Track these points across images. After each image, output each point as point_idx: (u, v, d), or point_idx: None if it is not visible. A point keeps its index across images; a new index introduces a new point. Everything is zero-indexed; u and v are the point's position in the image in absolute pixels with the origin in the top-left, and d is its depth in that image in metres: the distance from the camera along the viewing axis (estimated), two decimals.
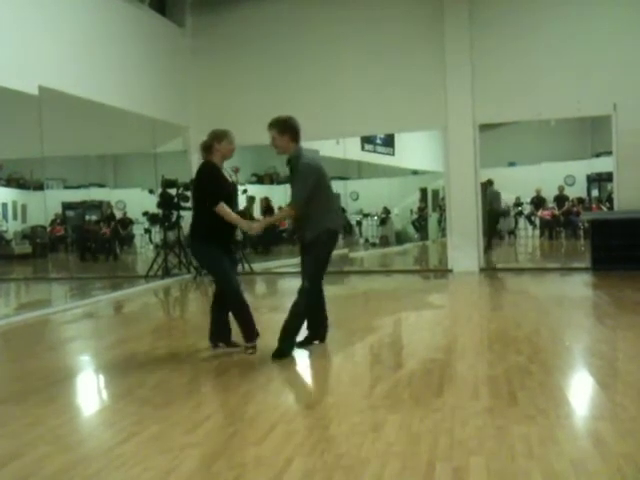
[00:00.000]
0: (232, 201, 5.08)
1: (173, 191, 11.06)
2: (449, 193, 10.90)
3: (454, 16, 10.44)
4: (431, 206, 18.97)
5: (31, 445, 3.13)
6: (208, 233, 4.85)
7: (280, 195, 17.97)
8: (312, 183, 4.74)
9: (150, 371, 4.58)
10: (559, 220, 17.57)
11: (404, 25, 10.80)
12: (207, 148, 4.97)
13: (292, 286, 10.45)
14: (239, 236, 12.95)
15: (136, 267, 15.27)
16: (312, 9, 11.18)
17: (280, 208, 18.11)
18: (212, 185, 4.83)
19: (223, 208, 4.77)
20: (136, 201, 16.43)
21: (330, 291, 9.69)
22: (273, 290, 10.31)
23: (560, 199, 17.75)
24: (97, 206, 18.38)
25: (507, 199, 16.73)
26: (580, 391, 3.90)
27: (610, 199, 13.83)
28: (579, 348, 5.03)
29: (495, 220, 15.46)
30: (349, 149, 14.59)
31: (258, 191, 17.49)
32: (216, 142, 4.96)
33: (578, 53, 10.01)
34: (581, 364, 4.53)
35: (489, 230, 15.39)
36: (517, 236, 18.47)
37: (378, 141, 15.89)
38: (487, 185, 15.32)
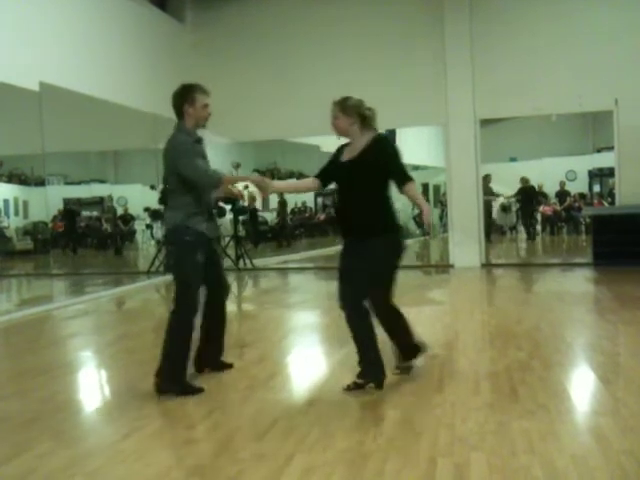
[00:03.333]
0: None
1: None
2: (450, 188, 10.89)
3: (455, 12, 10.40)
4: (432, 202, 18.95)
5: (33, 441, 3.13)
6: None
7: None
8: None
9: (152, 367, 4.58)
10: (560, 215, 17.55)
11: (405, 21, 10.76)
12: None
13: (294, 281, 10.50)
14: (241, 232, 12.98)
15: (137, 263, 15.28)
16: (313, 5, 11.14)
17: (280, 203, 18.14)
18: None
19: None
20: (137, 197, 16.44)
21: (332, 287, 9.74)
22: (275, 286, 10.31)
23: (561, 194, 17.73)
24: (98, 202, 18.42)
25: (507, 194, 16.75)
26: (581, 387, 3.90)
27: (612, 194, 13.82)
28: (580, 344, 5.03)
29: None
30: None
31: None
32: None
33: (579, 48, 9.98)
34: (582, 360, 4.53)
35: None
36: (518, 231, 18.46)
37: None
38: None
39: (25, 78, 7.62)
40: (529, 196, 16.11)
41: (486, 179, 12.86)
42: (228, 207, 11.64)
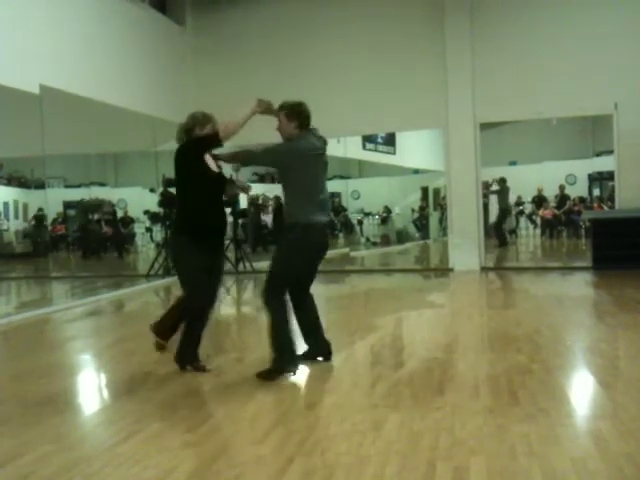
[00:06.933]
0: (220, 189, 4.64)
1: (174, 190, 11.07)
2: (450, 192, 10.89)
3: (455, 16, 10.41)
4: (432, 205, 18.96)
5: (31, 444, 3.13)
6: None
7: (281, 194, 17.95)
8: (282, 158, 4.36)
9: (150, 370, 4.58)
10: (560, 219, 17.55)
11: (406, 24, 10.78)
12: (188, 131, 4.59)
13: None
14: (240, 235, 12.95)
15: (137, 266, 15.26)
16: (313, 9, 11.15)
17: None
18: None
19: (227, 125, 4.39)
20: (137, 200, 16.43)
21: (331, 290, 9.74)
22: None
23: (561, 198, 17.73)
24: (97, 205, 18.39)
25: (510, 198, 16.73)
26: (581, 390, 3.90)
27: (611, 198, 13.81)
28: (580, 347, 5.03)
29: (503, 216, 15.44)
30: (350, 148, 14.58)
31: (260, 190, 17.47)
32: (198, 128, 4.52)
33: (579, 52, 9.99)
34: (582, 363, 4.52)
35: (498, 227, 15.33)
36: (518, 235, 18.46)
37: (379, 140, 15.87)
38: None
39: (25, 81, 7.62)
40: (505, 197, 15.84)
41: None
42: (228, 210, 11.63)
